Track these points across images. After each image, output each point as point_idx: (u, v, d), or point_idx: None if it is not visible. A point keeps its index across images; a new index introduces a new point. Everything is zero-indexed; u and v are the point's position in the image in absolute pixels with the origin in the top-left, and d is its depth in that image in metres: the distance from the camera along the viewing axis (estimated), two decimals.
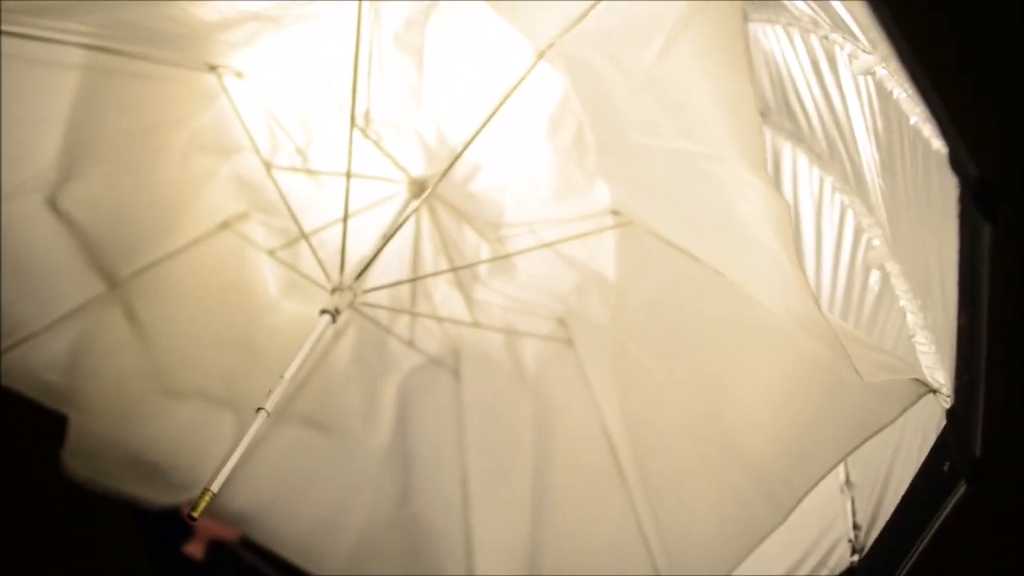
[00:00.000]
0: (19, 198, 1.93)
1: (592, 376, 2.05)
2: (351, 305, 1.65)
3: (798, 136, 2.03)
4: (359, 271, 1.68)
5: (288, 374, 1.45)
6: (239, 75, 1.93)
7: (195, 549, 2.52)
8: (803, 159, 2.05)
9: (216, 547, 2.61)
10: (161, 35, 1.76)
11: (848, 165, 1.85)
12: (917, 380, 1.39)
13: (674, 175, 1.54)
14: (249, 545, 2.57)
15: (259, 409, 1.39)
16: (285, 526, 2.42)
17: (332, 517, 2.38)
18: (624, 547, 2.02)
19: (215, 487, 1.30)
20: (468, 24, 1.72)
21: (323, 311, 1.57)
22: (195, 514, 1.28)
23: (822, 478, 1.61)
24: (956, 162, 1.04)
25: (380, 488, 2.33)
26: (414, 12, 1.71)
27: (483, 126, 1.67)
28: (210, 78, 1.91)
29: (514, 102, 1.69)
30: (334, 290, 1.63)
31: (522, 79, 1.65)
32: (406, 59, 1.76)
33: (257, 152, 1.94)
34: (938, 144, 1.17)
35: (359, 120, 1.81)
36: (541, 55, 1.64)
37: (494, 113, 1.67)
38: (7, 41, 1.68)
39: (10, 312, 2.06)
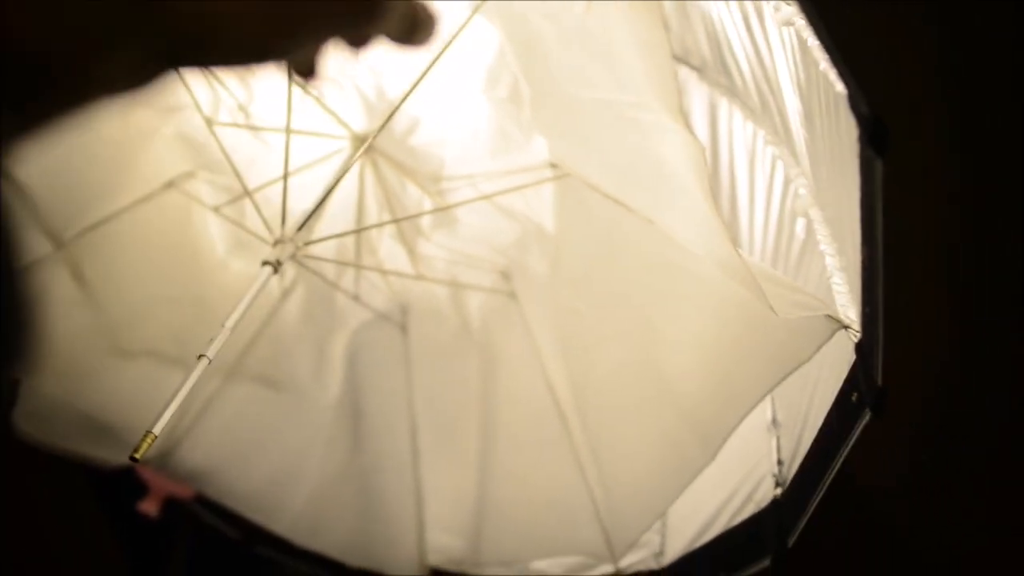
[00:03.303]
0: None
1: (534, 327, 2.10)
2: (293, 257, 1.68)
3: (732, 91, 2.08)
4: (300, 224, 1.71)
5: (229, 323, 1.49)
6: None
7: (149, 506, 2.55)
8: (738, 114, 2.10)
9: (172, 505, 2.64)
10: None
11: (777, 118, 1.91)
12: (829, 316, 1.46)
13: (605, 125, 1.59)
14: (205, 503, 2.60)
15: (200, 356, 1.42)
16: (239, 482, 2.45)
17: (285, 471, 2.42)
18: (567, 490, 2.09)
19: (157, 429, 1.33)
20: None
21: (264, 262, 1.60)
22: (137, 456, 1.31)
23: (745, 416, 1.68)
24: (852, 101, 1.11)
25: (332, 442, 2.37)
26: None
27: (419, 80, 1.70)
28: None
29: (452, 56, 1.72)
30: (276, 243, 1.66)
31: (457, 32, 1.68)
32: None
33: (198, 108, 1.95)
34: (840, 87, 1.23)
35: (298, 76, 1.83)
36: (477, 9, 1.68)
37: (430, 67, 1.70)
38: None
39: None
